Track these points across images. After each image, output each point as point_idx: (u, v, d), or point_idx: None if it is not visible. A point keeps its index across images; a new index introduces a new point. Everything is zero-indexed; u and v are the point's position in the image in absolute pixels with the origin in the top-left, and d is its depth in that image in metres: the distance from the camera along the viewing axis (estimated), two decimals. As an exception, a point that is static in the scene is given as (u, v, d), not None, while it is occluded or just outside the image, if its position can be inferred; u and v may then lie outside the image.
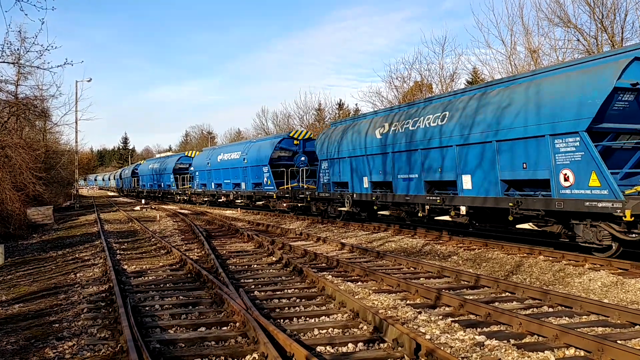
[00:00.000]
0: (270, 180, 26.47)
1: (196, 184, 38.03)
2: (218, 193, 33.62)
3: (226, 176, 32.27)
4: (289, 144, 27.11)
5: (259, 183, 28.11)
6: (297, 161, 26.90)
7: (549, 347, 5.79)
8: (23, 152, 21.60)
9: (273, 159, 26.73)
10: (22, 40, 17.95)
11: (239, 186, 30.82)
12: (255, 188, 28.61)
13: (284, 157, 27.04)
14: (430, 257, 12.59)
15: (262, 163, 27.18)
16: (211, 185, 34.87)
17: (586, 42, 23.34)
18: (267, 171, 26.84)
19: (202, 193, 36.87)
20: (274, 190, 25.84)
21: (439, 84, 32.59)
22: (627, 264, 10.02)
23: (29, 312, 8.29)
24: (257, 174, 28.04)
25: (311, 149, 26.30)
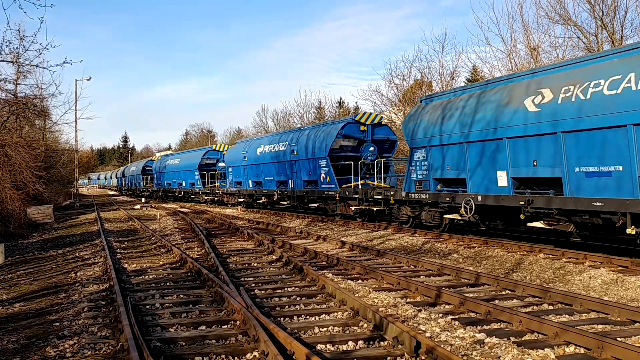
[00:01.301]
0: (330, 176, 20.95)
1: (229, 182, 32.46)
2: (257, 193, 28.11)
3: (268, 172, 26.90)
4: (353, 131, 21.34)
5: (312, 180, 22.76)
6: (365, 152, 21.29)
7: (549, 345, 5.80)
8: (23, 151, 21.61)
9: (334, 150, 21.11)
10: (21, 39, 17.94)
11: (285, 184, 25.46)
12: (307, 187, 23.17)
13: (347, 148, 21.51)
14: (430, 255, 12.60)
15: (319, 155, 21.63)
16: (248, 184, 29.45)
17: (586, 39, 23.34)
18: (325, 165, 21.25)
19: (236, 193, 31.33)
20: (336, 190, 20.49)
21: (439, 82, 32.58)
22: (628, 261, 10.03)
23: (29, 311, 8.29)
24: (311, 168, 22.58)
25: (382, 136, 21.83)
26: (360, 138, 21.51)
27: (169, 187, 45.68)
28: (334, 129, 21.37)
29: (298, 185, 23.83)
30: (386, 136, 21.95)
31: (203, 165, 38.12)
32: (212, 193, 35.81)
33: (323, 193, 21.51)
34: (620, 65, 10.04)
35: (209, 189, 36.43)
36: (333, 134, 21.12)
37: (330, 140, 21.10)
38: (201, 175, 38.00)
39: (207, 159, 38.33)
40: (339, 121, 22.64)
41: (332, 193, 20.79)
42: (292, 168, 24.33)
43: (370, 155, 21.23)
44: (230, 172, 32.26)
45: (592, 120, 10.29)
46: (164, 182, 46.96)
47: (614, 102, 9.87)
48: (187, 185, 40.73)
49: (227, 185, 33.03)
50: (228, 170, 32.59)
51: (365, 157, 21.12)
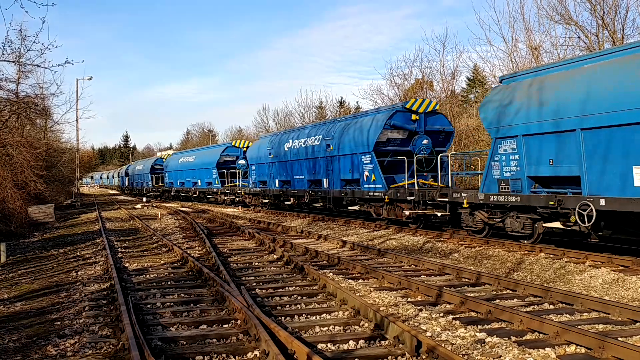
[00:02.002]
0: (375, 174, 17.88)
1: (251, 181, 29.26)
2: (285, 193, 25.03)
3: (298, 170, 23.75)
4: (403, 120, 18.09)
5: (353, 180, 19.75)
6: (417, 145, 17.96)
7: (550, 345, 5.80)
8: (24, 150, 21.61)
9: (380, 144, 17.98)
10: (23, 39, 17.92)
11: (318, 184, 22.37)
12: (345, 186, 20.21)
13: (396, 141, 18.29)
14: (431, 255, 12.60)
15: (362, 150, 18.48)
16: (274, 183, 26.29)
17: (587, 39, 23.32)
18: (369, 161, 18.18)
19: (260, 193, 28.15)
20: (383, 190, 17.35)
21: (440, 81, 32.58)
22: (628, 261, 10.02)
23: (30, 310, 8.31)
24: (351, 166, 19.46)
25: (437, 126, 18.56)
26: (411, 129, 18.10)
27: (181, 187, 42.34)
28: (380, 119, 17.96)
29: (334, 184, 20.66)
30: (441, 127, 18.57)
31: (221, 162, 34.73)
32: (233, 193, 32.49)
33: (367, 194, 18.23)
34: None
35: (228, 188, 32.95)
36: (379, 125, 17.82)
37: (375, 132, 17.80)
38: (220, 174, 34.58)
39: (226, 156, 34.93)
40: (385, 109, 18.97)
41: (379, 194, 17.53)
42: (327, 165, 21.08)
43: (424, 149, 17.90)
44: (253, 171, 29.09)
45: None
46: (176, 181, 43.60)
47: None
48: (203, 185, 37.42)
49: (249, 185, 29.80)
50: (251, 169, 29.43)
51: (418, 151, 17.77)
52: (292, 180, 24.47)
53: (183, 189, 42.01)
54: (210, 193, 36.85)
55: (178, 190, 43.44)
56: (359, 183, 19.07)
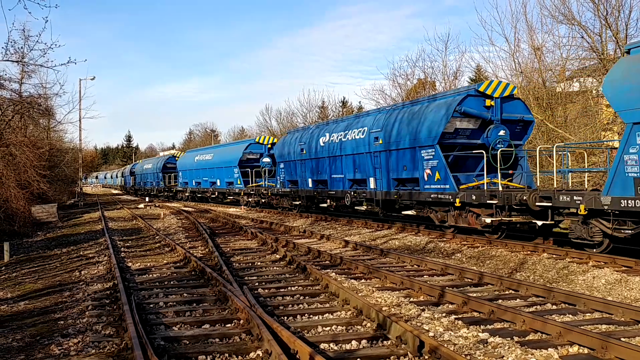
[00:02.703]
0: (440, 172, 14.79)
1: (280, 181, 26.44)
2: (320, 194, 22.22)
3: (337, 168, 20.67)
4: (476, 106, 14.89)
5: (409, 179, 16.59)
6: (493, 137, 14.85)
7: (552, 345, 5.80)
8: (27, 150, 21.66)
9: (446, 135, 14.89)
10: (26, 39, 17.96)
11: (361, 183, 19.51)
12: (398, 187, 17.19)
13: (465, 132, 15.26)
14: (434, 255, 12.60)
15: (423, 143, 15.34)
16: (306, 183, 23.48)
17: (590, 39, 23.27)
18: (432, 156, 15.03)
19: (290, 194, 25.19)
20: (452, 191, 14.25)
21: (443, 81, 32.55)
22: (632, 261, 10.00)
23: (34, 309, 8.33)
24: (406, 162, 16.42)
25: (515, 114, 15.37)
26: (484, 117, 14.98)
27: (197, 187, 39.16)
28: (449, 105, 14.77)
29: (384, 184, 17.53)
30: (520, 115, 15.45)
31: (244, 160, 31.50)
32: (258, 194, 29.10)
33: (429, 196, 15.08)
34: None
35: (252, 188, 29.66)
36: (447, 112, 14.59)
37: (442, 120, 14.63)
38: (242, 173, 31.30)
39: (250, 154, 31.63)
40: (453, 93, 15.88)
41: (446, 197, 14.39)
42: (374, 162, 17.95)
43: (500, 142, 14.73)
44: (281, 169, 26.18)
45: None
46: (191, 181, 40.46)
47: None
48: (223, 185, 34.18)
49: (277, 185, 26.90)
50: (279, 167, 26.54)
51: (494, 144, 14.67)
52: (329, 180, 21.47)
53: (199, 190, 38.82)
54: (231, 194, 33.56)
55: (193, 191, 40.32)
56: (418, 183, 15.99)
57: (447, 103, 15.02)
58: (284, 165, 26.02)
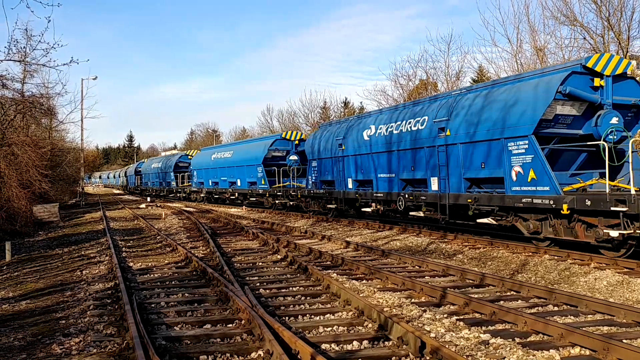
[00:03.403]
0: (536, 170, 11.78)
1: (311, 180, 23.25)
2: (364, 196, 18.86)
3: (386, 166, 17.53)
4: (582, 86, 11.88)
5: (488, 179, 13.42)
6: (604, 125, 11.96)
7: (554, 346, 5.79)
8: (29, 149, 21.70)
9: (543, 124, 11.89)
10: (29, 38, 18.02)
11: (420, 184, 16.15)
12: (471, 188, 14.07)
13: (565, 119, 12.16)
14: (435, 256, 12.59)
15: (512, 133, 12.31)
16: (346, 183, 20.15)
17: (592, 40, 23.26)
18: (524, 150, 12.05)
19: (324, 196, 21.89)
20: (553, 194, 11.31)
21: (445, 82, 32.57)
22: (634, 263, 9.98)
23: (35, 308, 8.34)
24: (484, 157, 13.25)
25: (629, 97, 12.31)
26: (593, 100, 11.98)
27: (214, 188, 36.10)
28: (549, 85, 11.76)
29: (452, 186, 14.30)
30: (636, 99, 12.37)
31: (269, 158, 28.42)
32: (285, 196, 25.94)
33: (519, 201, 12.03)
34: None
35: (278, 189, 26.65)
36: (547, 94, 11.64)
37: (539, 105, 11.69)
38: (267, 172, 28.27)
39: (275, 151, 28.63)
40: (553, 70, 12.60)
41: (546, 201, 11.34)
42: (439, 158, 14.64)
43: (613, 132, 11.90)
44: (314, 168, 22.97)
45: None
46: (207, 181, 37.35)
47: None
48: (244, 185, 31.25)
49: (307, 185, 23.65)
50: (310, 166, 23.33)
51: (604, 134, 11.61)
52: (374, 180, 18.20)
53: (216, 190, 35.67)
54: (254, 195, 30.14)
55: (210, 192, 37.29)
56: (500, 183, 12.94)
57: (545, 82, 11.94)
58: (316, 164, 22.76)
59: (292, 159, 27.85)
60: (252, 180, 30.04)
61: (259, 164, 28.86)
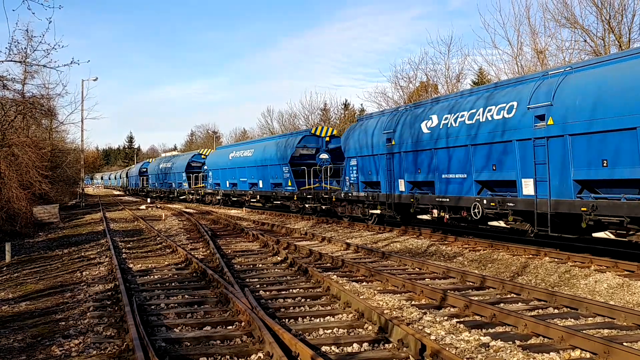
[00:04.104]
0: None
1: (349, 182, 19.90)
2: (422, 200, 15.68)
3: (452, 164, 14.35)
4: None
5: (613, 181, 10.34)
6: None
7: (554, 349, 5.78)
8: (29, 150, 21.72)
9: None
10: (30, 39, 18.03)
11: (505, 187, 12.95)
12: (583, 193, 10.97)
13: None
14: (435, 258, 12.58)
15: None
16: (395, 185, 17.02)
17: (593, 43, 23.27)
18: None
19: (365, 200, 18.83)
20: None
21: (445, 84, 32.56)
22: (634, 265, 9.97)
23: (35, 309, 8.33)
24: (613, 151, 10.06)
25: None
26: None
27: (232, 189, 33.05)
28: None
29: (552, 190, 11.31)
30: None
31: (297, 157, 25.47)
32: (317, 199, 23.07)
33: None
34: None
35: (308, 191, 23.92)
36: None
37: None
38: (294, 172, 25.31)
39: (303, 148, 25.64)
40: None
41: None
42: (535, 155, 11.64)
43: None
44: (352, 167, 19.70)
45: None
46: (224, 181, 34.32)
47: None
48: (267, 186, 28.04)
49: (344, 187, 20.35)
50: (348, 164, 19.99)
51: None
52: (437, 181, 15.05)
53: (235, 192, 32.62)
54: (278, 198, 27.00)
55: (227, 194, 34.18)
56: (630, 186, 10.07)
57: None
58: (356, 162, 19.49)
59: (323, 157, 25.12)
60: (277, 182, 26.87)
61: (285, 163, 25.61)
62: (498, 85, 14.01)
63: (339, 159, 22.97)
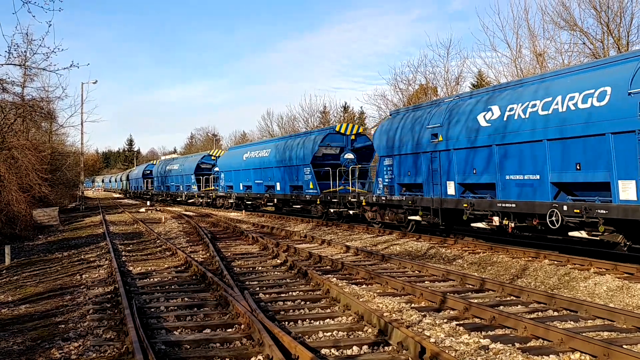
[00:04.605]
0: None
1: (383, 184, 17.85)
2: (476, 205, 13.59)
3: (516, 163, 12.47)
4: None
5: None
6: None
7: (554, 351, 5.79)
8: (29, 153, 21.74)
9: None
10: (29, 42, 18.05)
11: (594, 189, 10.94)
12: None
13: None
14: (435, 261, 12.58)
15: None
16: (442, 188, 14.88)
17: (592, 45, 23.33)
18: None
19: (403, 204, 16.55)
20: None
21: (444, 87, 32.61)
22: (633, 268, 9.97)
23: (35, 312, 8.33)
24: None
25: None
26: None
27: (246, 192, 30.92)
28: None
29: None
30: None
31: (319, 157, 23.14)
32: (342, 203, 20.95)
33: None
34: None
35: (332, 194, 21.65)
36: None
37: None
38: (316, 174, 22.92)
39: (327, 147, 23.21)
40: None
41: None
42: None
43: None
44: (387, 167, 17.57)
45: None
46: (238, 184, 32.08)
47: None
48: (285, 189, 25.93)
49: (377, 190, 18.11)
50: (382, 164, 17.84)
51: None
52: (498, 182, 12.95)
53: (249, 195, 30.43)
54: (298, 201, 24.59)
55: (241, 197, 31.82)
56: None
57: None
58: (391, 162, 17.37)
59: (348, 157, 22.86)
60: (297, 184, 24.61)
61: (307, 164, 23.29)
62: (583, 68, 11.73)
63: (365, 159, 22.03)
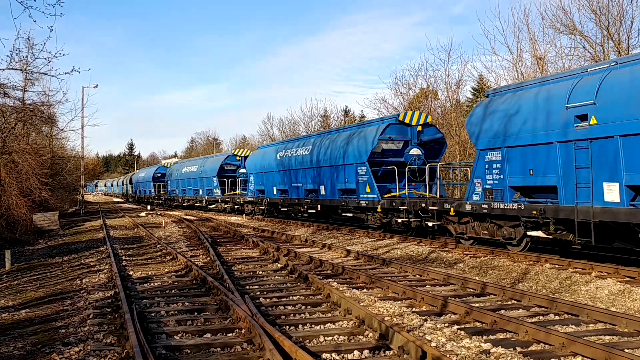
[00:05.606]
0: None
1: (483, 187, 13.56)
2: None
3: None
4: None
5: None
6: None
7: (555, 356, 5.77)
8: (30, 157, 21.74)
9: None
10: (30, 47, 18.09)
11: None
12: None
13: None
14: (436, 265, 12.57)
15: None
16: (593, 192, 10.40)
17: (592, 49, 23.35)
18: None
19: (521, 213, 12.09)
20: None
21: (445, 91, 32.62)
22: (635, 272, 9.96)
23: (35, 317, 8.31)
24: None
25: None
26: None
27: (281, 197, 26.46)
28: None
29: None
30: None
31: (378, 153, 18.79)
32: (414, 211, 16.48)
33: None
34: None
35: (401, 200, 17.19)
36: None
37: None
38: (373, 174, 18.58)
39: (387, 141, 18.89)
40: None
41: None
42: None
43: None
44: (490, 164, 13.33)
45: None
46: (271, 188, 27.50)
47: None
48: (333, 194, 21.34)
49: (473, 196, 13.81)
50: (482, 160, 13.65)
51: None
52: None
53: (285, 201, 25.82)
54: (349, 208, 20.04)
55: (274, 203, 27.28)
56: None
57: None
58: (499, 156, 12.98)
59: (414, 153, 18.65)
60: (348, 187, 20.05)
61: (362, 162, 18.94)
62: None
63: (433, 155, 18.82)
